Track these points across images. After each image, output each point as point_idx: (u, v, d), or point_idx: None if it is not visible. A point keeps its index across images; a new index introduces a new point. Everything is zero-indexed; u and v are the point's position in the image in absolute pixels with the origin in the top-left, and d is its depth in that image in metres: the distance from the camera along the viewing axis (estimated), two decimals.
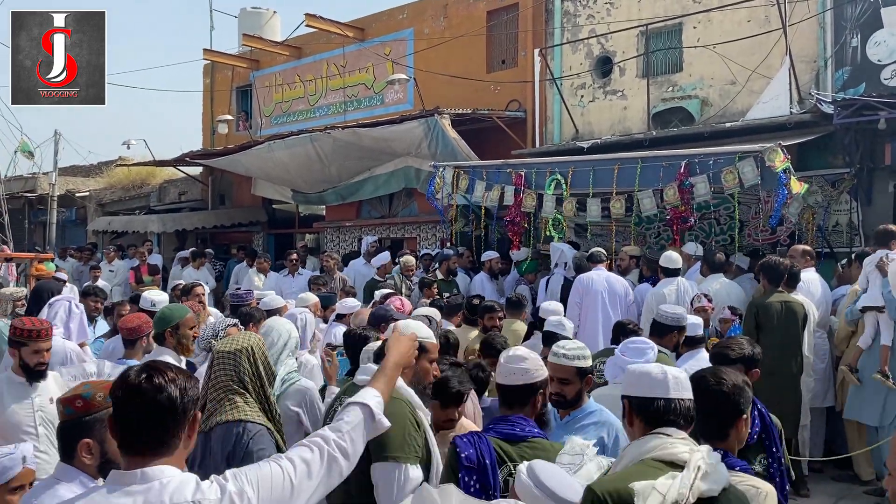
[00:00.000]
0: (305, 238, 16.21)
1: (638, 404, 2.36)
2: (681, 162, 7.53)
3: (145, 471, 1.81)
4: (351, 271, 10.37)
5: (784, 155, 6.88)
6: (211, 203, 17.39)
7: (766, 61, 9.25)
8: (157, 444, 1.84)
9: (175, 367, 1.93)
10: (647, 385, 2.36)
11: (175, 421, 1.86)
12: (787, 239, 8.51)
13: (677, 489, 2.08)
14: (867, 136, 8.26)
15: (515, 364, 2.94)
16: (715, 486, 2.13)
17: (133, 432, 1.84)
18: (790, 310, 5.92)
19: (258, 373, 3.27)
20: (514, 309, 6.70)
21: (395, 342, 2.67)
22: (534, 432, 2.86)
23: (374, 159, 12.56)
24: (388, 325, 5.35)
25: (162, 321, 4.38)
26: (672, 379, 2.35)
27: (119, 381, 1.89)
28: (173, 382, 1.86)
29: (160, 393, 1.83)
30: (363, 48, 14.14)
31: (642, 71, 10.64)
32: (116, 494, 1.78)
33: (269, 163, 13.47)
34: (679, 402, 2.33)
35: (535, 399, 2.96)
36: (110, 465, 2.24)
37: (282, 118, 16.14)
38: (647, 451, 2.24)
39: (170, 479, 1.81)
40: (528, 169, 8.95)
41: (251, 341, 3.36)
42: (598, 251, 7.81)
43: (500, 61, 12.65)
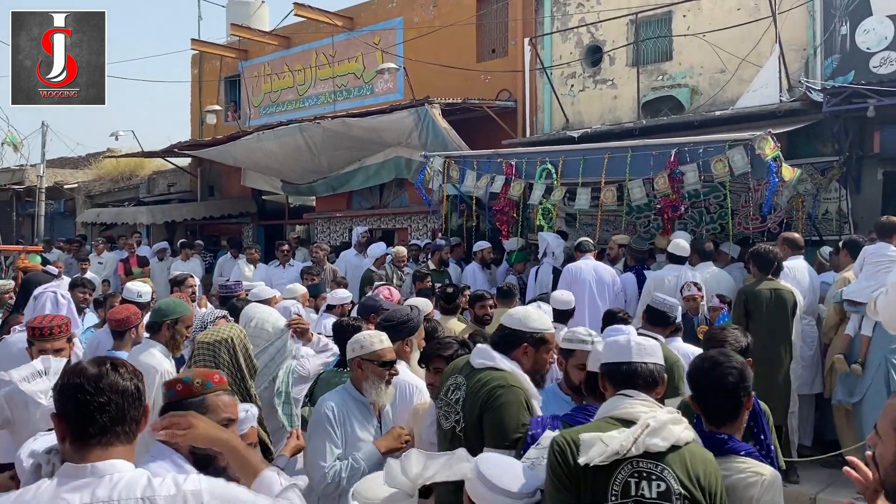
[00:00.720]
0: (296, 229, 16.16)
1: (606, 370, 2.56)
2: (671, 151, 7.53)
3: (96, 465, 1.77)
4: (342, 262, 10.35)
5: (774, 143, 6.88)
6: (200, 194, 17.29)
7: (756, 49, 9.25)
8: (112, 437, 1.81)
9: (126, 362, 1.91)
10: (614, 352, 2.56)
11: (135, 413, 1.84)
12: (778, 227, 8.53)
13: (620, 441, 2.25)
14: (856, 123, 8.27)
15: (622, 349, 2.87)
16: (662, 443, 2.27)
17: (88, 424, 1.79)
18: (779, 297, 5.93)
19: (238, 364, 3.29)
20: (505, 298, 6.69)
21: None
22: None
23: (365, 149, 12.51)
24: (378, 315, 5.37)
25: (162, 313, 4.34)
26: (635, 345, 2.53)
27: (75, 373, 1.84)
28: (133, 375, 1.85)
29: (123, 384, 1.81)
30: (352, 37, 14.07)
31: (632, 60, 10.62)
32: (65, 489, 1.75)
33: (259, 153, 13.40)
34: (641, 365, 2.49)
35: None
36: (200, 449, 2.30)
37: (271, 108, 16.05)
38: (608, 411, 2.44)
39: (121, 474, 1.78)
40: (518, 159, 8.93)
41: (231, 333, 3.37)
42: (585, 241, 7.81)
43: (491, 50, 12.61)
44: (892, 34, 8.33)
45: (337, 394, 3.36)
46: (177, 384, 2.48)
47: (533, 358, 3.11)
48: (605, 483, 2.28)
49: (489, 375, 3.06)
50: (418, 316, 3.91)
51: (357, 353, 3.32)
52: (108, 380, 1.81)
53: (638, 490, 2.26)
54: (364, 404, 3.32)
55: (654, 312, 4.93)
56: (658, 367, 2.53)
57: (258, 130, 13.02)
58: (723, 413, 2.56)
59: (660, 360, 2.55)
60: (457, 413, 3.11)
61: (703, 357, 2.64)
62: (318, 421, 3.26)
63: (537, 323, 3.15)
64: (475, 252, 9.27)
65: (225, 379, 2.48)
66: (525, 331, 3.13)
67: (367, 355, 3.30)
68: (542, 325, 3.15)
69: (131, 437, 1.85)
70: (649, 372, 2.49)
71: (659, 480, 2.27)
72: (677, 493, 2.26)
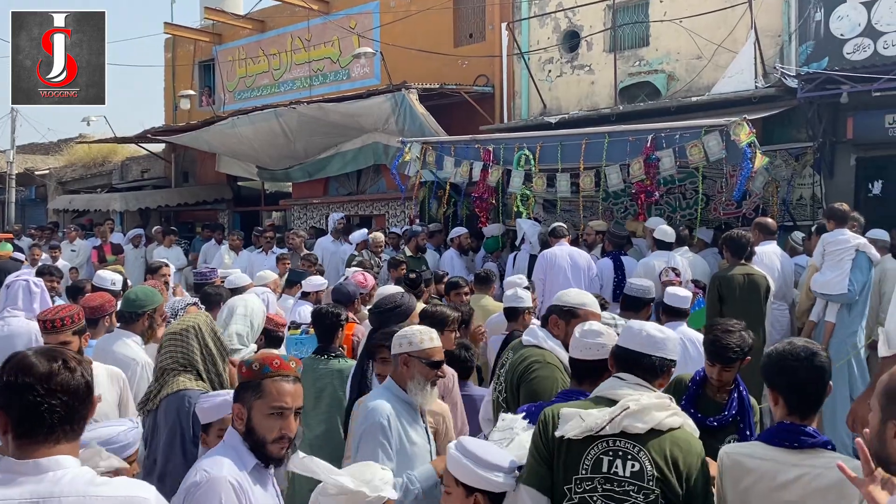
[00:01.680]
0: (272, 216, 16.03)
1: (616, 352, 2.68)
2: (647, 136, 7.54)
3: (39, 462, 1.71)
4: (318, 248, 10.28)
5: (749, 129, 6.91)
6: (174, 180, 17.10)
7: (732, 35, 9.28)
8: (60, 435, 1.74)
9: (77, 356, 1.85)
10: (625, 336, 2.67)
11: (84, 411, 1.78)
12: (753, 213, 8.60)
13: (595, 419, 2.36)
14: (830, 110, 8.34)
15: (592, 339, 2.88)
16: (640, 425, 2.35)
17: (36, 424, 1.72)
18: (753, 282, 5.97)
19: (208, 349, 3.26)
20: (482, 284, 6.69)
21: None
22: None
23: (341, 135, 12.41)
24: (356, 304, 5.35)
25: (140, 303, 4.25)
26: (646, 335, 2.60)
27: (23, 370, 1.75)
28: (84, 370, 1.78)
29: (75, 383, 1.74)
30: (328, 21, 13.92)
31: (609, 45, 10.62)
32: (4, 487, 1.68)
33: (233, 139, 13.25)
34: (646, 356, 2.56)
35: (609, 374, 2.84)
36: (254, 432, 2.30)
37: (245, 93, 15.87)
38: (601, 391, 2.57)
39: (65, 470, 1.73)
40: (496, 144, 8.91)
41: (198, 319, 3.34)
42: (559, 226, 7.82)
43: (468, 35, 12.54)
44: (866, 21, 8.40)
45: (383, 395, 3.15)
46: (241, 367, 2.43)
47: (564, 330, 3.33)
48: (578, 458, 2.38)
49: (530, 352, 3.40)
50: (409, 302, 3.89)
51: (405, 349, 3.12)
52: (60, 378, 1.73)
53: (611, 468, 2.35)
54: (410, 404, 3.13)
55: (628, 298, 4.98)
56: (664, 361, 2.58)
57: (233, 116, 12.88)
58: (811, 403, 2.43)
59: (669, 356, 2.60)
60: (500, 384, 3.49)
61: (787, 350, 2.47)
62: (372, 431, 3.01)
63: (571, 298, 3.42)
64: (452, 238, 9.26)
65: (289, 365, 2.38)
66: (558, 304, 3.43)
67: (416, 353, 3.11)
68: (575, 301, 3.38)
69: (78, 433, 1.79)
70: (651, 363, 2.56)
71: (633, 461, 2.34)
72: (650, 475, 2.31)
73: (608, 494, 2.35)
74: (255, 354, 2.69)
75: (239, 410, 2.33)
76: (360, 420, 3.15)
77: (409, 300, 3.94)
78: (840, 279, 5.86)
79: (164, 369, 3.28)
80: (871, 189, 8.41)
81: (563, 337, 3.32)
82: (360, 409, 3.25)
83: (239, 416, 2.33)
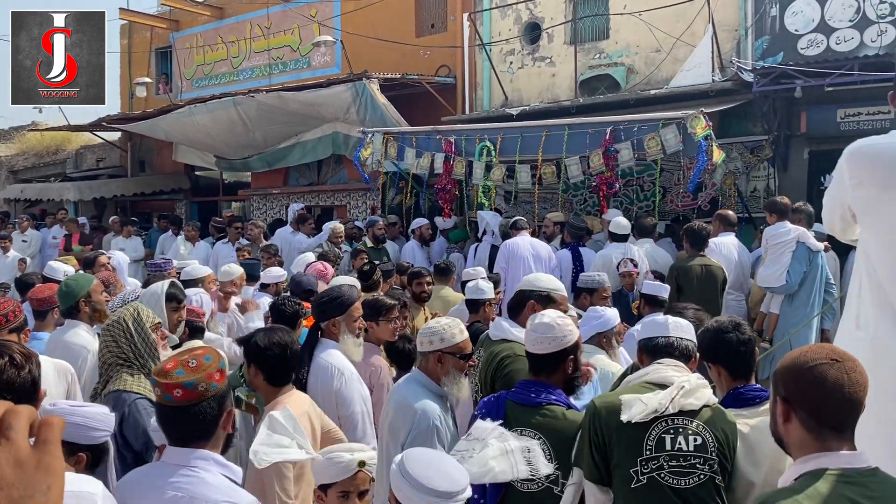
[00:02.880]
0: (231, 206, 15.80)
1: (643, 344, 2.87)
2: (606, 129, 7.60)
3: None
4: (278, 239, 10.15)
5: (706, 122, 7.01)
6: (131, 170, 16.75)
7: (690, 29, 9.39)
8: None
9: (24, 349, 1.78)
10: (651, 328, 2.89)
11: (30, 404, 1.75)
12: (708, 205, 8.73)
13: (658, 400, 2.47)
14: (784, 104, 8.50)
15: (543, 333, 2.85)
16: (696, 402, 2.49)
17: None
18: (710, 273, 6.08)
19: (135, 343, 3.19)
20: (442, 276, 6.68)
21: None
22: (550, 399, 2.82)
23: (302, 124, 12.27)
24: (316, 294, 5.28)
25: (71, 294, 4.16)
26: (673, 323, 2.85)
27: None
28: (30, 364, 1.73)
29: (21, 380, 1.71)
30: (288, 9, 13.73)
31: (570, 38, 10.66)
32: None
33: (191, 128, 13.02)
34: (677, 339, 2.78)
35: (565, 365, 2.87)
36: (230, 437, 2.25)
37: (203, 81, 15.59)
38: (643, 376, 2.68)
39: None
40: (457, 136, 8.89)
41: (126, 313, 3.28)
42: (520, 219, 7.86)
43: (430, 25, 12.48)
44: (819, 17, 8.56)
45: (422, 393, 3.07)
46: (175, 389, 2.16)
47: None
48: (639, 439, 2.48)
49: (500, 347, 3.49)
50: (349, 293, 3.82)
51: (437, 346, 3.08)
52: (6, 377, 1.69)
53: (674, 445, 2.47)
54: (443, 399, 3.10)
55: (581, 291, 5.09)
56: (692, 344, 2.80)
57: (190, 104, 12.64)
58: (750, 366, 2.72)
59: (693, 339, 2.82)
60: (475, 383, 3.55)
61: (717, 326, 2.76)
62: (427, 435, 2.95)
63: (544, 283, 3.53)
64: (413, 229, 9.22)
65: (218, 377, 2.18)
66: (531, 290, 3.48)
67: (449, 348, 3.08)
68: (550, 286, 3.47)
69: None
70: (684, 347, 2.79)
71: (695, 435, 2.47)
72: (713, 446, 2.47)
73: (675, 470, 2.46)
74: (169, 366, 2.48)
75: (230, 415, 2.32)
76: (406, 419, 3.03)
77: (349, 291, 3.86)
78: (780, 272, 6.00)
79: (106, 363, 3.21)
80: (824, 182, 8.59)
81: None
82: (401, 407, 3.10)
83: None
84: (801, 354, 1.84)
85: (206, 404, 2.08)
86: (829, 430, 1.79)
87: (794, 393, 1.81)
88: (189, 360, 2.12)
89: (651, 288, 5.25)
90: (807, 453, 1.79)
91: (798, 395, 1.80)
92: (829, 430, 1.79)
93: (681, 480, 2.45)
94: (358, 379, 3.65)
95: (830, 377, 1.77)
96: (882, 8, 8.17)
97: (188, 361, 2.11)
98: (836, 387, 1.76)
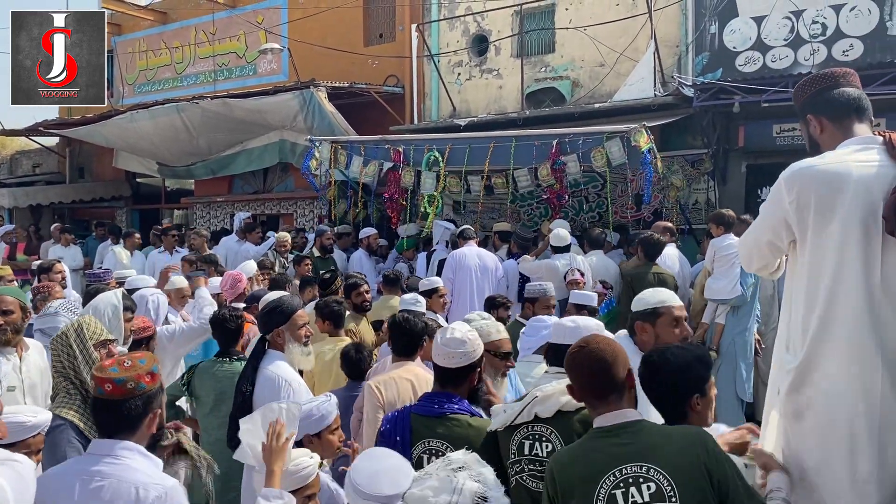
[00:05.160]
0: (174, 214, 15.49)
1: (550, 347, 3.20)
2: (552, 141, 7.72)
3: None
4: (222, 249, 9.99)
5: (648, 136, 7.17)
6: (69, 176, 16.28)
7: (633, 45, 9.61)
8: None
9: None
10: (554, 332, 3.20)
11: None
12: (651, 216, 8.94)
13: (512, 410, 2.67)
14: (723, 119, 8.76)
15: (455, 348, 2.87)
16: (547, 411, 2.62)
17: None
18: (662, 281, 6.21)
19: (75, 359, 3.10)
20: (390, 286, 6.67)
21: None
22: (454, 408, 2.84)
23: (247, 132, 12.12)
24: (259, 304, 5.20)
25: None
26: (568, 327, 3.08)
27: None
28: None
29: None
30: (234, 15, 13.57)
31: (517, 51, 10.80)
32: None
33: (132, 134, 12.72)
34: (564, 346, 2.81)
35: (472, 377, 2.92)
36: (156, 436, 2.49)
37: (146, 86, 15.28)
38: (533, 385, 2.94)
39: None
40: (406, 145, 8.91)
41: (70, 328, 3.20)
42: (467, 228, 7.91)
43: (378, 35, 12.48)
44: (756, 35, 8.87)
45: None
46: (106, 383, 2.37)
47: (652, 333, 3.06)
48: (507, 444, 2.68)
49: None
50: (290, 301, 3.77)
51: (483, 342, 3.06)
52: None
53: (532, 450, 2.63)
54: None
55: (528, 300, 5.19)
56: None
57: (132, 109, 12.36)
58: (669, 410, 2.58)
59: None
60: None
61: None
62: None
63: (648, 298, 3.15)
64: (361, 239, 9.18)
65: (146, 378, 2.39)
66: (639, 309, 3.30)
67: (487, 345, 3.09)
68: (654, 301, 3.10)
69: None
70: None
71: (548, 441, 2.62)
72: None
73: (533, 474, 2.61)
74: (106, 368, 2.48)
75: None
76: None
77: (290, 299, 3.82)
78: (732, 284, 6.17)
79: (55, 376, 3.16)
80: (761, 195, 8.87)
81: (652, 341, 3.02)
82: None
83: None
84: (570, 348, 2.35)
85: (133, 401, 2.32)
86: (593, 398, 2.28)
87: (569, 376, 2.35)
88: (125, 361, 2.38)
89: (580, 297, 5.46)
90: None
91: (570, 377, 2.34)
92: (592, 399, 2.28)
93: (539, 484, 2.55)
94: (306, 389, 3.61)
95: (577, 360, 2.30)
96: (814, 28, 8.50)
97: (124, 361, 2.37)
98: (582, 365, 2.28)
